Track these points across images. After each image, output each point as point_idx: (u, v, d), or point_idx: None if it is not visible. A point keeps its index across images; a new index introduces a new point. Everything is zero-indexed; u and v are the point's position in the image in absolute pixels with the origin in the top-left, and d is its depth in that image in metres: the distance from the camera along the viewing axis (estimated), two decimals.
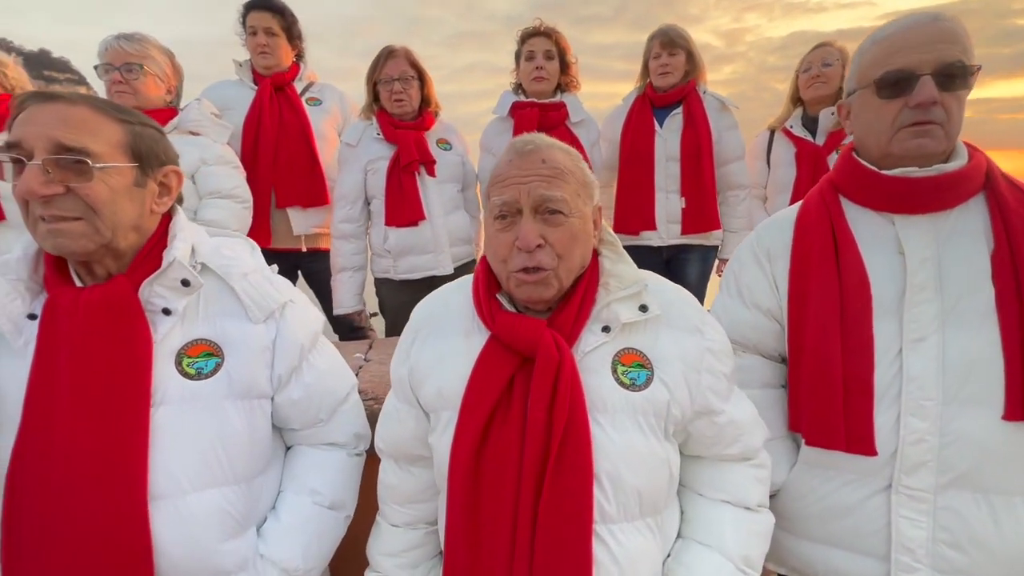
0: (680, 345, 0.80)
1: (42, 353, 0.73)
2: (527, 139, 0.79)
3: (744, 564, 0.81)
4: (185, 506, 0.77)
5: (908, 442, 0.85)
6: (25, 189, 0.68)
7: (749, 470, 0.86)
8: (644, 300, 0.79)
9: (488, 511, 0.72)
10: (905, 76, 0.83)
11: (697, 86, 2.03)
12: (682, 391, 0.79)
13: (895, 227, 0.89)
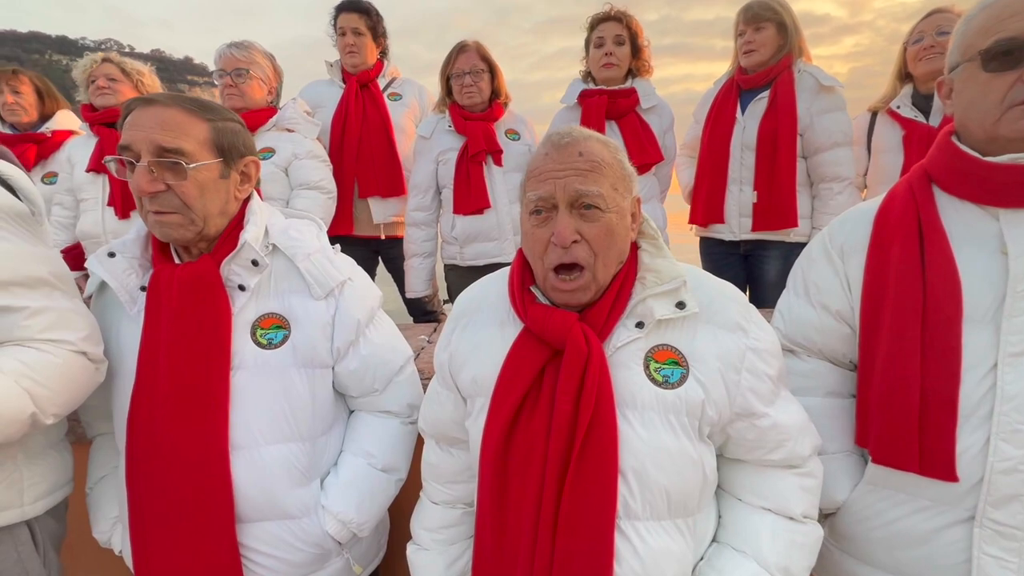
0: (719, 343, 0.76)
1: (149, 320, 0.88)
2: (564, 131, 0.78)
3: (783, 575, 0.76)
4: (259, 456, 0.90)
5: (998, 470, 0.74)
6: (136, 187, 0.83)
7: (794, 478, 0.80)
8: (682, 297, 0.76)
9: (514, 498, 0.74)
10: (1019, 45, 0.71)
11: (793, 64, 1.81)
12: (719, 391, 0.75)
13: (999, 223, 0.77)
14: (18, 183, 0.84)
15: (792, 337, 0.97)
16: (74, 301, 0.83)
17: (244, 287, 0.91)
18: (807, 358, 0.96)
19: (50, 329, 0.77)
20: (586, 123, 1.92)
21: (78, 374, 0.80)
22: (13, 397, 0.72)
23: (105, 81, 1.92)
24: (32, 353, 0.75)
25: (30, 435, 0.80)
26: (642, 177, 1.97)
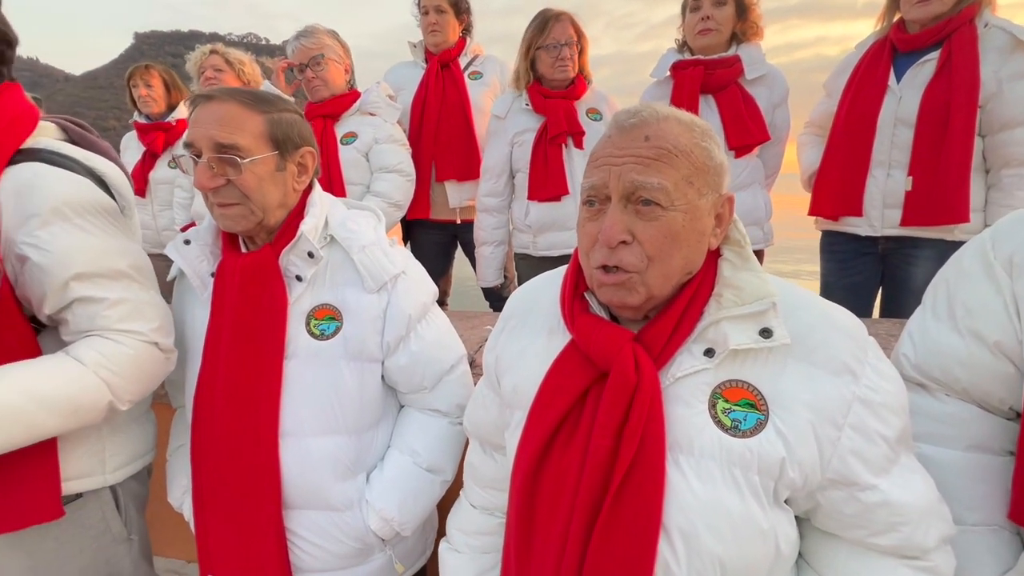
0: (815, 388, 0.60)
1: (215, 306, 0.92)
2: (634, 110, 0.65)
3: None
4: (306, 446, 0.90)
5: None
6: (199, 183, 0.85)
7: (908, 572, 0.62)
8: (769, 323, 0.61)
9: (540, 536, 0.65)
10: None
11: (976, 16, 1.42)
12: (807, 449, 0.59)
13: None
14: (111, 179, 0.90)
15: (925, 369, 0.77)
16: (150, 293, 0.88)
17: (301, 278, 0.91)
18: (945, 398, 0.75)
19: (125, 320, 0.82)
20: (676, 99, 1.71)
21: (149, 363, 0.85)
22: (92, 388, 0.78)
23: (212, 72, 2.08)
24: (109, 344, 0.80)
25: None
26: (743, 160, 1.73)
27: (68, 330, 0.82)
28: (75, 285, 0.79)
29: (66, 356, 0.78)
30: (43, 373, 0.75)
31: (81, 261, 0.79)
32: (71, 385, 0.76)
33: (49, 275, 0.77)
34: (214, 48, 2.14)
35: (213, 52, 2.12)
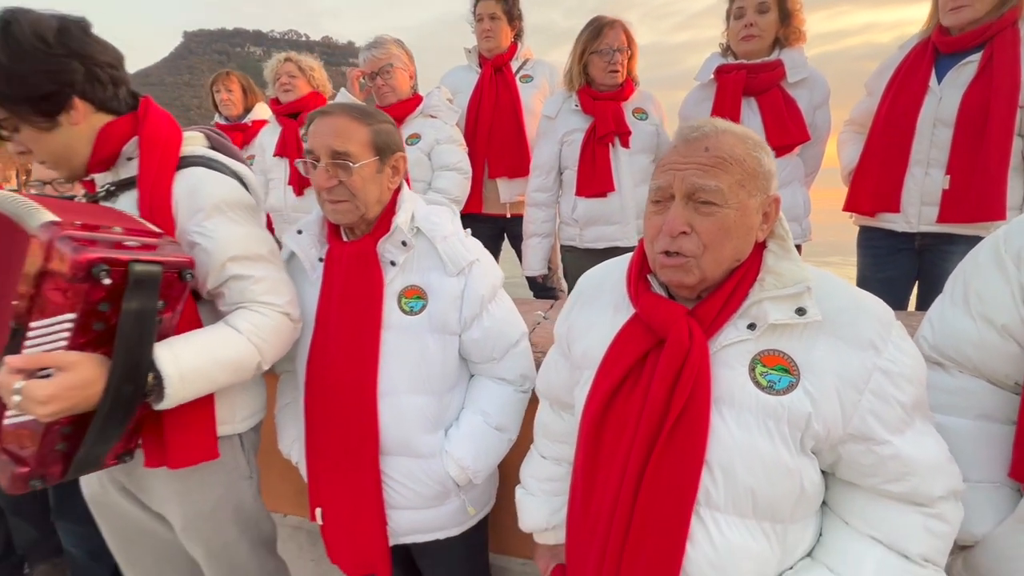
0: (841, 359, 0.72)
1: (325, 286, 1.10)
2: (697, 125, 0.78)
3: None
4: (399, 403, 1.08)
5: None
6: (317, 184, 1.03)
7: (918, 516, 0.73)
8: (804, 303, 0.73)
9: (604, 468, 0.80)
10: None
11: (1019, 20, 1.48)
12: (831, 407, 0.71)
13: None
14: (248, 180, 1.09)
15: (941, 349, 0.87)
16: (282, 272, 1.08)
17: (395, 263, 1.09)
18: (958, 374, 0.86)
19: (267, 294, 1.02)
20: (719, 102, 1.80)
21: (284, 331, 1.04)
22: (248, 352, 0.98)
23: (287, 79, 2.30)
24: (256, 315, 1.00)
25: None
26: (783, 159, 1.81)
27: (224, 302, 1.02)
28: (231, 265, 0.98)
29: (226, 326, 0.98)
30: (217, 339, 0.96)
31: (235, 246, 0.99)
32: (235, 349, 0.96)
33: (211, 257, 0.97)
34: (288, 56, 2.36)
35: (288, 60, 2.34)
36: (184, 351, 0.91)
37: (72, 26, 0.92)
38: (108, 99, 0.98)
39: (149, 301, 0.83)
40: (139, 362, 0.85)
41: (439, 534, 1.16)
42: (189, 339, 0.93)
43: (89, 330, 0.81)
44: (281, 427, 1.27)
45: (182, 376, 0.89)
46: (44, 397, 0.77)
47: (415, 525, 1.13)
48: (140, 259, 0.81)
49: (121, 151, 1.01)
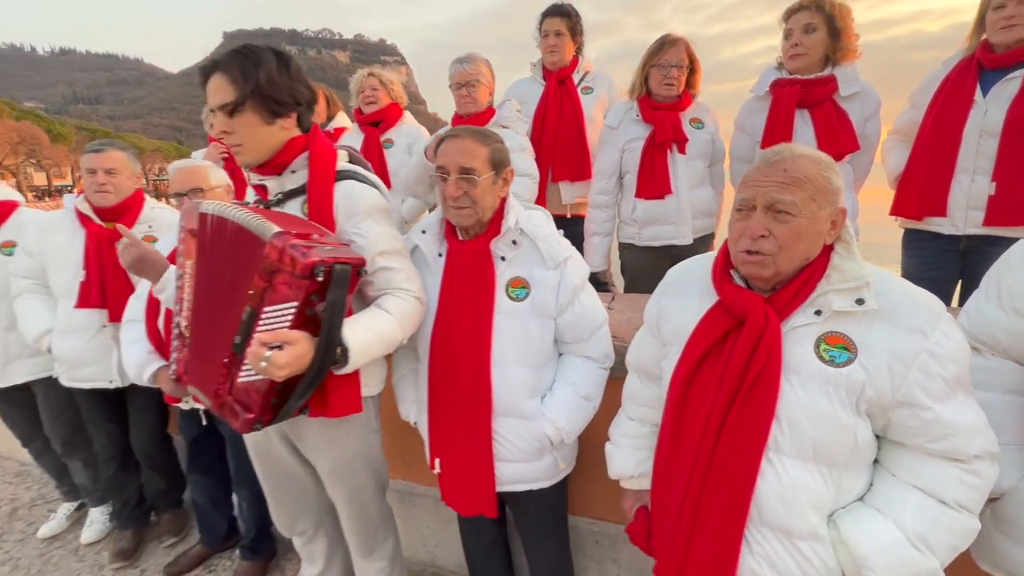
0: (893, 341, 0.88)
1: (446, 277, 1.34)
2: (777, 150, 0.95)
3: (919, 542, 0.88)
4: (507, 374, 1.31)
5: None
6: (448, 193, 1.27)
7: (955, 470, 0.89)
8: (863, 295, 0.90)
9: (689, 420, 1.00)
10: None
11: None
12: (883, 379, 0.88)
13: None
14: (382, 189, 1.34)
15: (976, 335, 1.04)
16: (412, 264, 1.32)
17: (504, 258, 1.32)
18: (991, 356, 1.03)
19: (406, 282, 1.27)
20: (774, 114, 1.96)
21: (418, 312, 1.29)
22: (395, 329, 1.24)
23: (370, 92, 2.57)
24: (398, 300, 1.25)
25: None
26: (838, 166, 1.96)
27: (373, 288, 1.27)
28: (379, 259, 1.24)
29: (379, 309, 1.23)
30: (377, 320, 1.21)
31: (382, 243, 1.24)
32: (388, 327, 1.21)
33: (365, 252, 1.22)
34: (371, 71, 2.63)
35: (371, 75, 2.61)
36: (360, 330, 1.16)
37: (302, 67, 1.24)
38: (305, 120, 1.27)
39: (343, 292, 1.09)
40: (334, 339, 1.10)
41: (534, 485, 1.39)
42: (359, 320, 1.19)
43: (303, 315, 1.06)
44: (401, 393, 1.52)
45: (361, 349, 1.15)
46: (282, 363, 1.03)
47: (516, 475, 1.36)
48: (340, 260, 1.06)
49: (291, 162, 1.27)
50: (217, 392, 1.13)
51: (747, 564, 0.96)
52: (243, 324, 1.07)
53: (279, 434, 1.42)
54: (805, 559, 0.93)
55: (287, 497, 1.55)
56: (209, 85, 1.19)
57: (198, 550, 2.17)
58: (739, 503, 0.94)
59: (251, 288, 1.05)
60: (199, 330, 1.22)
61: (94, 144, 2.01)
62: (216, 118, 1.21)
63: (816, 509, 0.93)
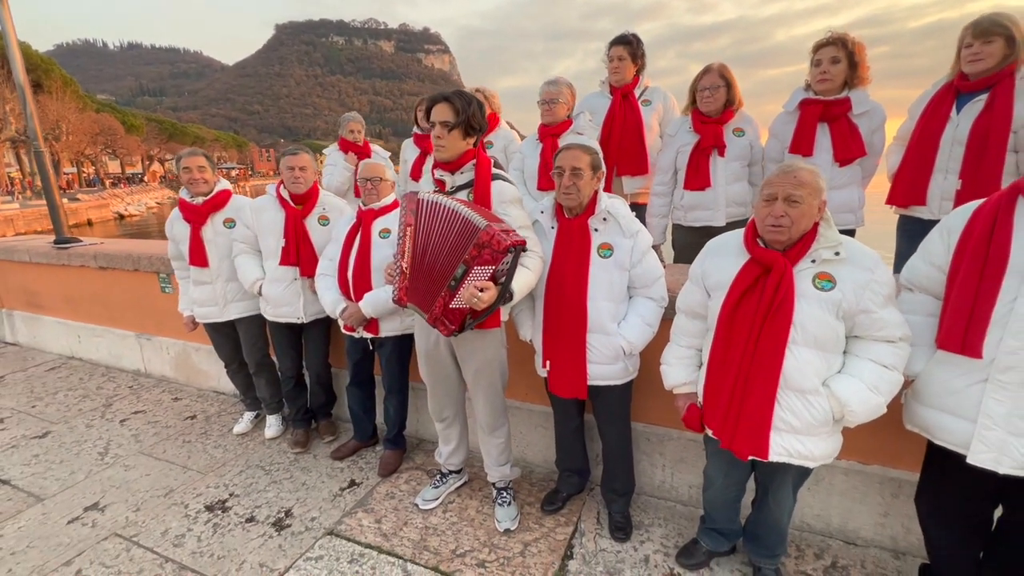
0: (855, 276, 1.50)
1: (558, 243, 2.03)
2: (789, 164, 1.56)
3: (874, 389, 1.51)
4: (598, 306, 2.00)
5: (1005, 350, 1.38)
6: (562, 185, 1.95)
7: (888, 347, 1.52)
8: (838, 250, 1.51)
9: (736, 337, 1.61)
10: None
11: (1016, 71, 2.09)
12: (851, 297, 1.50)
13: None
14: (515, 185, 2.04)
15: (911, 280, 1.65)
16: (535, 234, 2.02)
17: (597, 230, 2.00)
18: (919, 293, 1.64)
19: (535, 246, 1.96)
20: (801, 126, 2.54)
21: (541, 266, 1.99)
22: (533, 279, 1.93)
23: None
24: (532, 259, 1.94)
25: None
26: (846, 168, 2.52)
27: None
28: (521, 231, 1.94)
29: (522, 267, 1.93)
30: (525, 274, 1.88)
31: (520, 221, 1.95)
32: (530, 278, 1.91)
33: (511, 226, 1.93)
34: (478, 88, 3.35)
35: (477, 91, 3.33)
36: (519, 281, 1.86)
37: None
38: (477, 140, 1.99)
39: (516, 260, 1.80)
40: (508, 288, 1.82)
41: (611, 381, 2.08)
42: (517, 275, 1.87)
43: (493, 273, 1.78)
44: (520, 319, 2.24)
45: (519, 292, 1.86)
46: (487, 300, 1.76)
47: (600, 374, 2.06)
48: (516, 243, 1.76)
49: (465, 165, 1.99)
50: (434, 311, 1.88)
51: (778, 414, 1.60)
52: (458, 275, 1.80)
53: (444, 343, 2.17)
54: (812, 406, 1.57)
55: (441, 389, 2.31)
56: (437, 107, 1.92)
57: (352, 443, 3.00)
58: (773, 376, 1.58)
59: (467, 253, 1.77)
60: (417, 272, 1.95)
61: (291, 148, 2.82)
62: (436, 129, 1.93)
63: (818, 376, 1.57)
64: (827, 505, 2.22)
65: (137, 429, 3.41)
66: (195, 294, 3.01)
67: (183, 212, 2.90)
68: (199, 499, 2.63)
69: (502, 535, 2.29)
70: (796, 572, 2.05)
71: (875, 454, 2.11)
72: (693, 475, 2.42)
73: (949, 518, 1.66)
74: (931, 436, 1.56)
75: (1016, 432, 1.38)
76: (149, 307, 4.12)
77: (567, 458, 2.44)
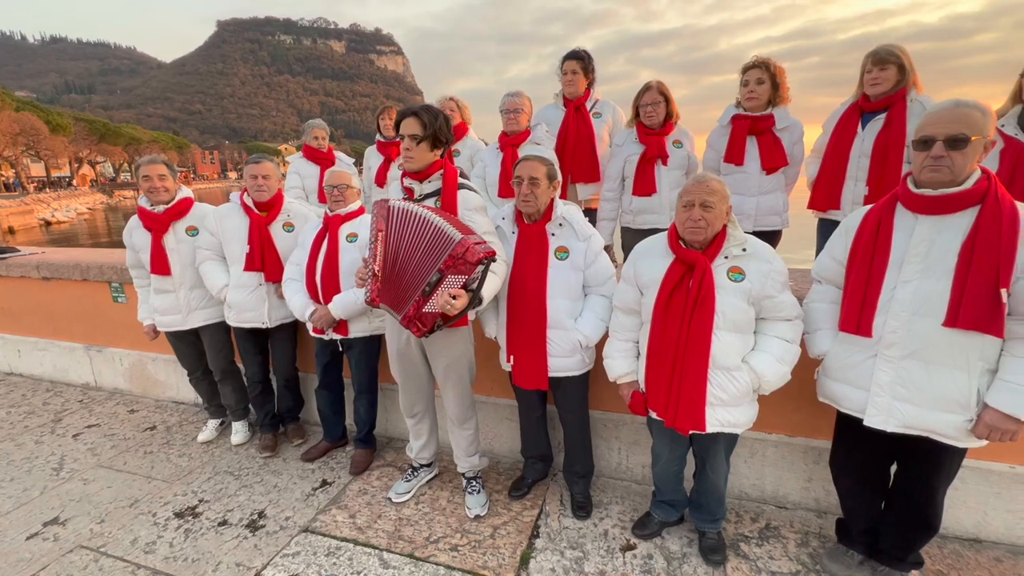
0: (759, 267, 1.78)
1: (518, 247, 2.22)
2: (703, 174, 1.82)
3: (781, 361, 1.80)
4: (557, 303, 2.19)
5: (888, 330, 1.67)
6: (522, 193, 2.13)
7: (787, 324, 1.82)
8: (744, 247, 1.79)
9: (669, 327, 1.86)
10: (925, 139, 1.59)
11: (908, 94, 2.46)
12: (757, 285, 1.78)
13: (916, 221, 1.65)
14: (480, 193, 2.20)
15: (820, 274, 1.93)
16: (499, 239, 2.19)
17: (554, 234, 2.19)
18: (825, 285, 1.92)
19: (500, 252, 2.13)
20: (733, 139, 2.84)
21: (506, 269, 2.16)
22: (499, 282, 2.09)
23: (449, 112, 3.41)
24: (497, 264, 2.10)
25: None
26: (771, 176, 2.84)
27: None
28: (486, 236, 2.10)
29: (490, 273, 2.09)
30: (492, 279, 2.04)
31: (484, 227, 2.11)
32: (496, 282, 2.07)
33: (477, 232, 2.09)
34: (451, 97, 3.52)
35: (450, 99, 3.50)
36: (487, 286, 2.02)
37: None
38: (444, 151, 2.13)
39: (486, 270, 1.95)
40: (478, 295, 1.97)
41: (570, 372, 2.28)
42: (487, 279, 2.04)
43: (465, 282, 1.93)
44: (485, 318, 2.40)
45: (487, 297, 2.02)
46: (459, 307, 1.91)
47: (560, 366, 2.25)
48: (488, 254, 1.91)
49: (433, 175, 2.14)
50: (407, 313, 2.01)
51: (710, 391, 1.85)
52: (432, 281, 1.93)
53: (416, 343, 2.30)
54: (736, 381, 1.83)
55: (413, 386, 2.44)
56: (405, 121, 2.05)
57: (323, 445, 3.07)
58: (704, 359, 1.82)
59: (442, 262, 1.90)
60: (388, 275, 2.07)
61: (254, 157, 2.86)
62: (405, 141, 2.07)
63: (739, 355, 1.84)
64: (761, 475, 2.51)
65: (93, 443, 3.33)
66: (156, 303, 3.00)
67: (143, 220, 2.88)
68: (167, 507, 2.63)
69: (473, 521, 2.44)
70: (735, 535, 2.32)
71: (799, 427, 2.41)
72: (645, 456, 2.66)
73: (854, 474, 1.96)
74: (837, 405, 1.85)
75: (899, 397, 1.67)
76: (100, 318, 4.00)
77: (532, 446, 2.63)
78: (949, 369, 1.58)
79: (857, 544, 2.05)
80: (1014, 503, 2.17)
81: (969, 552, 2.17)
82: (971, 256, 1.52)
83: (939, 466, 1.74)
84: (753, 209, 2.87)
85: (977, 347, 1.54)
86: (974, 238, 1.52)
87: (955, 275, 1.54)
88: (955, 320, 1.54)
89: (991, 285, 1.47)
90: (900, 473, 1.89)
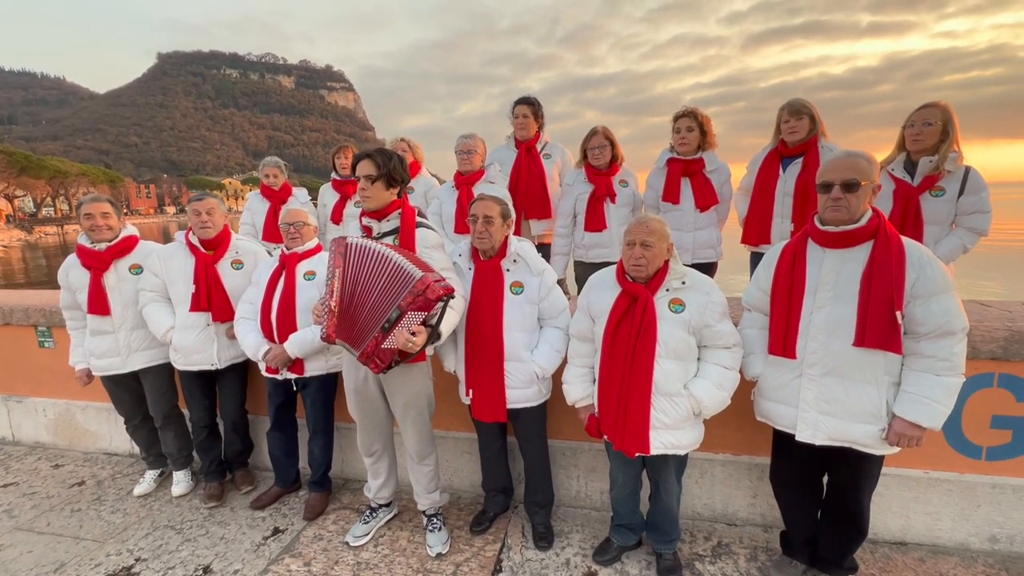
0: (698, 299, 1.94)
1: (475, 282, 2.30)
2: (642, 216, 1.99)
3: (719, 387, 1.94)
4: (513, 336, 2.27)
5: (809, 351, 1.86)
6: (476, 231, 2.23)
7: (726, 352, 1.97)
8: (684, 280, 1.96)
9: (617, 355, 1.98)
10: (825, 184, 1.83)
11: (819, 140, 2.81)
12: (696, 316, 1.93)
13: (825, 254, 1.88)
14: (437, 231, 2.28)
15: (749, 303, 2.13)
16: (456, 275, 2.26)
17: (508, 270, 2.30)
18: (753, 312, 2.11)
19: (457, 287, 2.19)
20: (669, 180, 3.10)
21: (464, 304, 2.23)
22: (457, 317, 2.15)
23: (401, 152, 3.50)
24: (456, 300, 2.17)
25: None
26: (705, 213, 3.11)
27: None
28: (445, 272, 2.17)
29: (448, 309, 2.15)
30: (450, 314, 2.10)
31: (442, 264, 2.18)
32: (455, 317, 2.13)
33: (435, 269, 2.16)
34: (403, 138, 3.62)
35: (402, 140, 3.60)
36: (445, 322, 2.08)
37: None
38: (401, 190, 2.20)
39: (445, 306, 2.01)
40: (437, 330, 2.02)
41: (528, 403, 2.34)
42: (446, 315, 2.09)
43: (425, 318, 1.98)
44: (444, 352, 2.44)
45: (446, 332, 2.07)
46: (418, 344, 1.94)
47: (518, 397, 2.32)
48: (447, 291, 1.97)
49: (391, 214, 2.20)
50: (365, 350, 2.02)
51: (654, 415, 1.96)
52: (392, 318, 1.96)
53: (374, 379, 2.30)
54: (677, 406, 1.96)
55: (371, 424, 2.42)
56: (361, 163, 2.12)
57: (274, 490, 2.94)
58: (646, 385, 1.95)
59: (401, 299, 1.94)
60: (346, 311, 2.08)
61: (197, 194, 2.82)
62: (361, 182, 2.13)
63: (680, 381, 1.97)
64: (712, 494, 2.64)
65: (9, 504, 3.02)
66: (92, 345, 2.83)
67: (81, 258, 2.75)
68: (98, 569, 2.43)
69: (434, 559, 2.40)
70: (691, 554, 2.41)
71: (743, 446, 2.57)
72: (604, 483, 2.73)
73: (793, 487, 2.11)
74: (772, 423, 2.01)
75: (823, 412, 1.85)
76: (22, 365, 3.70)
77: (492, 478, 2.64)
78: (862, 384, 1.78)
79: (800, 554, 2.19)
80: (930, 505, 2.39)
81: (897, 554, 2.37)
82: (870, 283, 1.74)
83: (863, 473, 1.92)
84: (690, 243, 3.11)
85: (882, 363, 1.74)
86: (871, 268, 1.75)
87: (859, 300, 1.75)
88: (863, 340, 1.74)
89: (888, 308, 1.68)
90: (831, 483, 2.06)
